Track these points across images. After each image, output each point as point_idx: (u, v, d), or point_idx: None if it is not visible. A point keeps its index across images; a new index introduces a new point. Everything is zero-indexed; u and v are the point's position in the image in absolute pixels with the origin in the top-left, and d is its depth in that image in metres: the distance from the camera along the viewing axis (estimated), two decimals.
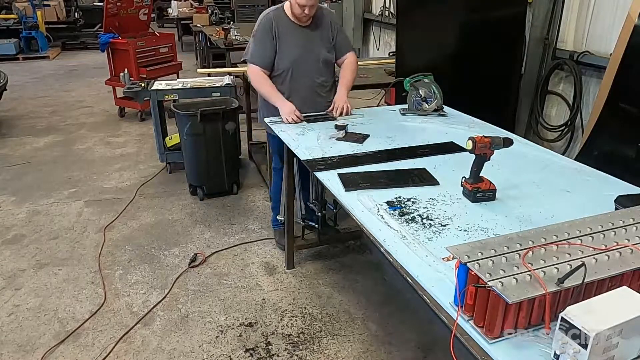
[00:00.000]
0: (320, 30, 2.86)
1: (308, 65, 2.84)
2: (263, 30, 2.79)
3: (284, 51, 2.79)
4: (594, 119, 3.23)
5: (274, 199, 3.29)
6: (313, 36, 2.84)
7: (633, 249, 1.20)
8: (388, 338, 2.49)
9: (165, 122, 4.48)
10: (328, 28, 2.88)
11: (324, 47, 2.87)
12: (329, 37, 2.89)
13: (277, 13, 2.81)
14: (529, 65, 3.98)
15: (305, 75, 2.84)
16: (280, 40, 2.78)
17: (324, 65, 2.89)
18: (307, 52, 2.82)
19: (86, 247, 3.32)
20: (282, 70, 2.81)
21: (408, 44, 3.71)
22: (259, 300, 2.78)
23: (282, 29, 2.78)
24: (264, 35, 2.78)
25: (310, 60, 2.84)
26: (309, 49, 2.82)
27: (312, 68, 2.85)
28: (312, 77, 2.87)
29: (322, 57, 2.86)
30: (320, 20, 2.85)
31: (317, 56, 2.85)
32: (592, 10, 3.60)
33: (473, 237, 1.54)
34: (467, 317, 1.17)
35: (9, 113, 6.48)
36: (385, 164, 2.15)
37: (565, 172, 2.06)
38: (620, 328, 0.95)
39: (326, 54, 2.88)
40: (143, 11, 6.87)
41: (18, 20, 10.38)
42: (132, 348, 2.44)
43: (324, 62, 2.88)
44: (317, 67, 2.87)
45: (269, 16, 2.80)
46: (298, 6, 2.67)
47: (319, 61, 2.86)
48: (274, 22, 2.77)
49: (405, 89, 2.88)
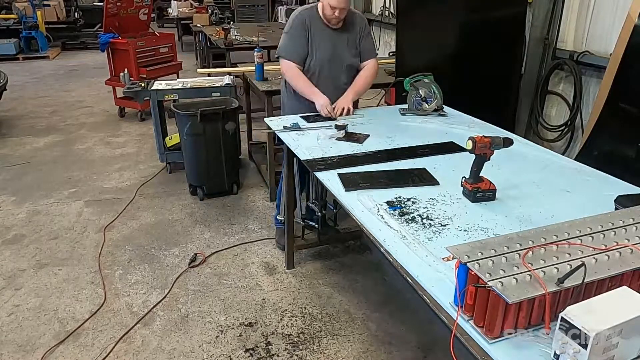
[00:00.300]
0: (349, 34, 2.89)
1: (334, 68, 2.88)
2: (297, 27, 2.82)
3: (314, 51, 2.83)
4: (594, 119, 3.23)
5: (279, 197, 3.29)
6: (342, 39, 2.87)
7: (633, 249, 1.20)
8: (388, 338, 2.49)
9: (165, 122, 4.48)
10: (357, 33, 2.92)
11: (350, 51, 2.91)
12: (356, 42, 2.92)
13: (311, 13, 2.83)
14: (529, 65, 3.98)
15: (330, 77, 2.89)
16: (312, 40, 2.82)
17: (348, 69, 2.94)
18: (335, 55, 2.86)
19: (86, 247, 3.32)
20: (313, 70, 2.86)
21: (408, 44, 3.71)
22: (259, 300, 2.78)
23: (314, 29, 2.81)
24: (299, 32, 2.81)
25: (337, 63, 2.88)
26: (337, 52, 2.86)
27: (338, 71, 2.90)
28: (336, 80, 2.92)
29: (348, 61, 2.91)
30: (351, 25, 2.89)
31: (343, 60, 2.90)
32: (592, 10, 3.60)
33: (473, 237, 1.54)
34: (467, 317, 1.17)
35: (9, 113, 6.48)
36: (385, 164, 2.15)
37: (565, 172, 2.06)
38: (620, 328, 0.95)
39: (352, 58, 2.92)
40: (143, 11, 6.87)
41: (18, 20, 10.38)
42: (132, 348, 2.44)
43: (348, 66, 2.93)
44: (342, 71, 2.92)
45: (303, 14, 2.83)
46: (329, 7, 2.70)
47: (344, 65, 2.91)
48: (307, 20, 2.80)
49: (405, 89, 2.88)
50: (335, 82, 2.92)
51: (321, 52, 2.83)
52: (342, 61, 2.90)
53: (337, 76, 2.91)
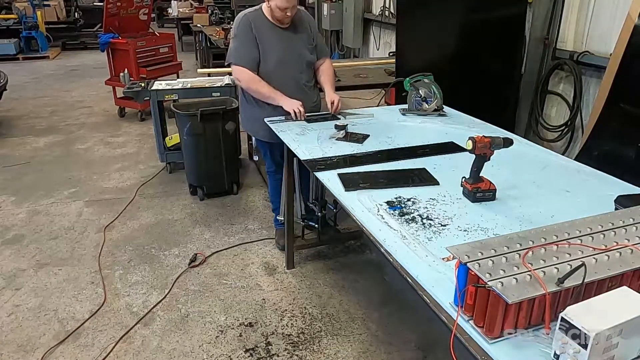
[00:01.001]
0: (301, 32, 2.85)
1: (292, 66, 2.82)
2: (244, 32, 2.74)
3: (267, 52, 2.75)
4: (594, 119, 3.23)
5: (273, 201, 3.29)
6: (294, 37, 2.82)
7: (633, 249, 1.20)
8: (388, 338, 2.49)
9: (165, 122, 4.48)
10: (308, 30, 2.88)
11: (306, 48, 2.87)
12: (309, 39, 2.89)
13: (255, 14, 2.77)
14: (529, 65, 3.97)
15: (289, 75, 2.82)
16: (262, 42, 2.74)
17: (307, 66, 2.90)
18: (290, 53, 2.80)
19: (86, 247, 3.32)
20: (267, 71, 2.77)
21: (408, 44, 3.71)
22: (259, 300, 2.78)
23: (262, 31, 2.74)
24: (246, 36, 2.74)
25: (294, 60, 2.83)
26: (291, 50, 2.80)
27: (296, 68, 2.85)
28: (297, 78, 2.85)
29: (307, 58, 2.87)
30: (300, 22, 2.84)
31: (301, 57, 2.85)
32: (592, 10, 3.59)
33: (473, 237, 1.54)
34: (467, 317, 1.17)
35: (9, 113, 6.48)
36: (385, 164, 2.15)
37: (565, 172, 2.06)
38: (620, 328, 0.95)
39: (309, 55, 2.89)
40: (143, 11, 6.88)
41: (18, 20, 10.39)
42: (132, 348, 2.44)
43: (307, 63, 2.89)
44: (301, 68, 2.87)
45: (246, 17, 2.76)
46: (279, 10, 2.65)
47: (302, 62, 2.86)
48: (252, 23, 2.74)
49: (405, 89, 2.88)
50: (297, 81, 2.85)
51: (274, 53, 2.75)
52: (302, 59, 2.84)
53: (297, 74, 2.84)
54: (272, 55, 2.75)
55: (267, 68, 2.77)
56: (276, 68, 2.77)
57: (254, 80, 2.75)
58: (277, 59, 2.76)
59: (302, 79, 2.87)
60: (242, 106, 3.01)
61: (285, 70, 2.80)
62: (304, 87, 2.89)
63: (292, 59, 2.81)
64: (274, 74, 2.77)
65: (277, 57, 2.76)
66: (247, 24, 2.74)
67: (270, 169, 3.14)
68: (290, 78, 2.82)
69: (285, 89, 2.77)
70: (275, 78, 2.77)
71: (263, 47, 2.74)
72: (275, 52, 2.76)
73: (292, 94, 2.78)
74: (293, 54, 2.81)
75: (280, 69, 2.78)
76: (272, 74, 2.77)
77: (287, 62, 2.80)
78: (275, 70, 2.77)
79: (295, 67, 2.84)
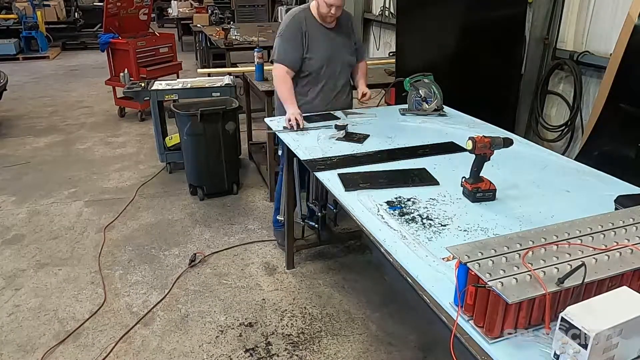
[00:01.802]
0: (344, 33, 2.90)
1: (335, 67, 2.88)
2: (292, 30, 2.78)
3: (315, 52, 2.79)
4: (594, 119, 3.23)
5: (278, 199, 3.28)
6: (338, 38, 2.87)
7: (633, 249, 1.20)
8: (388, 338, 2.49)
9: (165, 122, 4.48)
10: (350, 31, 2.93)
11: (348, 50, 2.92)
12: (351, 41, 2.93)
13: (306, 14, 2.81)
14: (529, 65, 3.97)
15: (332, 76, 2.89)
16: (311, 41, 2.78)
17: (346, 68, 2.95)
18: (335, 54, 2.85)
19: (86, 247, 3.32)
20: (312, 70, 2.83)
21: (408, 44, 3.71)
22: (259, 300, 2.78)
23: (311, 30, 2.78)
24: (294, 35, 2.77)
25: (338, 62, 2.88)
26: (336, 51, 2.86)
27: (338, 70, 2.90)
28: (338, 79, 2.92)
29: (347, 59, 2.92)
30: (344, 23, 2.89)
31: (343, 58, 2.90)
32: (592, 10, 3.59)
33: (473, 237, 1.54)
34: (467, 317, 1.17)
35: (9, 113, 6.48)
36: (385, 164, 2.15)
37: (565, 172, 2.06)
38: (620, 328, 0.95)
39: (349, 56, 2.93)
40: (143, 11, 6.87)
41: (18, 20, 10.38)
42: (132, 348, 2.44)
43: (347, 64, 2.94)
44: (343, 69, 2.92)
45: (298, 16, 2.80)
46: (325, 5, 2.67)
47: (344, 63, 2.91)
48: (304, 22, 2.77)
49: (405, 89, 2.88)
50: (336, 82, 2.91)
51: (321, 51, 2.80)
52: (342, 60, 2.89)
53: (338, 75, 2.90)
54: (318, 54, 2.80)
55: (313, 68, 2.82)
56: (320, 67, 2.83)
57: (281, 79, 2.80)
58: (323, 58, 2.82)
59: (341, 79, 2.94)
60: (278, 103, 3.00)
61: (328, 70, 2.86)
62: (342, 88, 2.96)
63: (336, 60, 2.87)
64: (318, 71, 2.83)
65: (322, 57, 2.81)
66: (296, 23, 2.78)
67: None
68: (331, 79, 2.89)
69: (325, 89, 2.88)
70: (319, 78, 2.85)
71: (311, 47, 2.79)
72: (321, 52, 2.81)
73: (331, 94, 2.89)
74: (337, 54, 2.87)
75: (324, 69, 2.84)
76: (316, 73, 2.83)
77: (331, 63, 2.85)
78: (319, 68, 2.83)
79: (337, 68, 2.89)
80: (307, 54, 2.79)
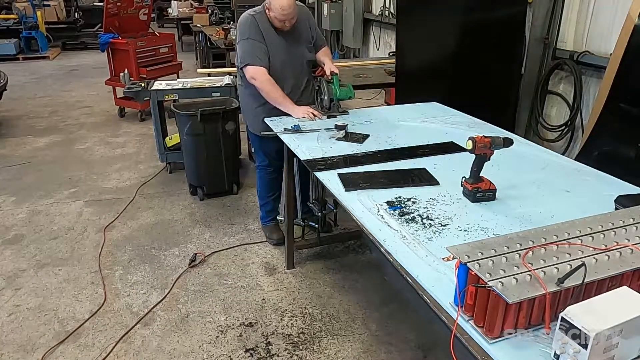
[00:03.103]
0: (301, 31, 2.88)
1: (294, 67, 2.87)
2: (256, 31, 2.74)
3: (274, 55, 2.77)
4: (594, 119, 3.23)
5: (260, 197, 3.30)
6: (295, 38, 2.86)
7: (633, 249, 1.20)
8: (388, 338, 2.49)
9: (165, 122, 4.48)
10: (307, 28, 2.91)
11: (306, 47, 2.91)
12: (309, 37, 2.93)
13: (260, 17, 2.77)
14: (529, 65, 3.97)
15: (291, 76, 2.88)
16: (269, 45, 2.76)
17: (307, 66, 2.96)
18: (292, 54, 2.85)
19: (86, 247, 3.32)
20: (276, 73, 2.79)
21: (408, 44, 3.71)
22: (259, 300, 2.78)
23: (266, 32, 2.76)
24: (259, 36, 2.74)
25: (296, 61, 2.87)
26: (293, 51, 2.85)
27: (298, 69, 2.89)
28: (298, 78, 2.91)
29: (307, 57, 2.92)
30: (299, 21, 2.84)
31: (302, 57, 2.89)
32: (592, 10, 3.59)
33: (473, 237, 1.54)
34: (467, 317, 1.17)
35: (9, 113, 6.48)
36: (385, 164, 2.15)
37: (565, 172, 2.06)
38: (620, 328, 0.95)
39: (308, 54, 2.94)
40: (143, 11, 6.88)
41: (18, 20, 10.38)
42: (132, 348, 2.44)
43: (307, 62, 2.95)
44: (302, 68, 2.92)
45: (253, 18, 2.76)
46: (277, 21, 2.69)
47: (303, 62, 2.91)
48: (259, 24, 2.75)
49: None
50: (296, 80, 2.90)
51: (278, 55, 2.78)
52: (303, 59, 2.89)
53: (298, 75, 2.89)
54: (276, 57, 2.78)
55: (275, 69, 2.79)
56: (282, 69, 2.81)
57: (269, 82, 2.75)
58: (281, 60, 2.80)
59: (302, 79, 2.94)
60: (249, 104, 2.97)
61: (287, 72, 2.84)
62: (302, 87, 2.94)
63: (294, 61, 2.86)
64: (281, 73, 2.82)
65: (280, 59, 2.80)
66: (256, 26, 2.75)
67: (261, 163, 3.17)
68: (291, 79, 2.88)
69: (291, 87, 2.86)
70: (282, 77, 2.82)
71: (270, 49, 2.77)
72: (278, 54, 2.79)
73: (296, 90, 2.88)
74: (295, 55, 2.86)
75: (283, 71, 2.82)
76: (278, 73, 2.80)
77: (289, 64, 2.84)
78: (281, 71, 2.81)
79: (297, 69, 2.88)
80: (269, 56, 2.77)
